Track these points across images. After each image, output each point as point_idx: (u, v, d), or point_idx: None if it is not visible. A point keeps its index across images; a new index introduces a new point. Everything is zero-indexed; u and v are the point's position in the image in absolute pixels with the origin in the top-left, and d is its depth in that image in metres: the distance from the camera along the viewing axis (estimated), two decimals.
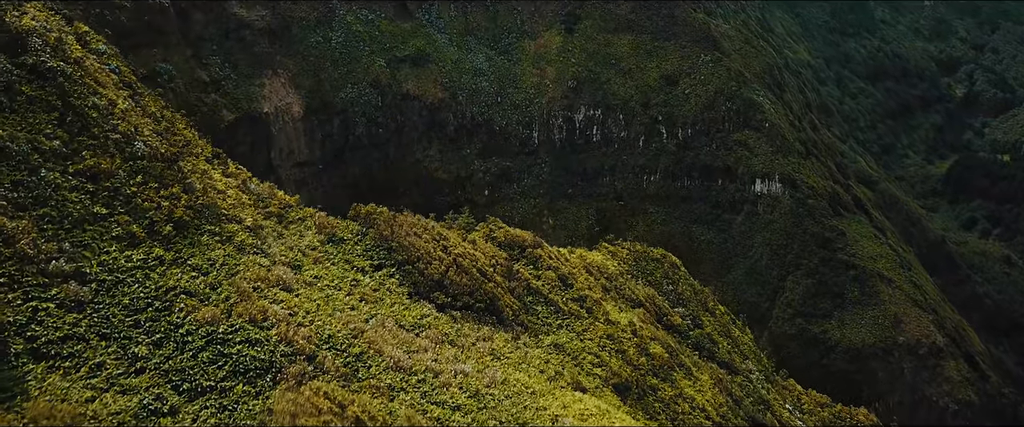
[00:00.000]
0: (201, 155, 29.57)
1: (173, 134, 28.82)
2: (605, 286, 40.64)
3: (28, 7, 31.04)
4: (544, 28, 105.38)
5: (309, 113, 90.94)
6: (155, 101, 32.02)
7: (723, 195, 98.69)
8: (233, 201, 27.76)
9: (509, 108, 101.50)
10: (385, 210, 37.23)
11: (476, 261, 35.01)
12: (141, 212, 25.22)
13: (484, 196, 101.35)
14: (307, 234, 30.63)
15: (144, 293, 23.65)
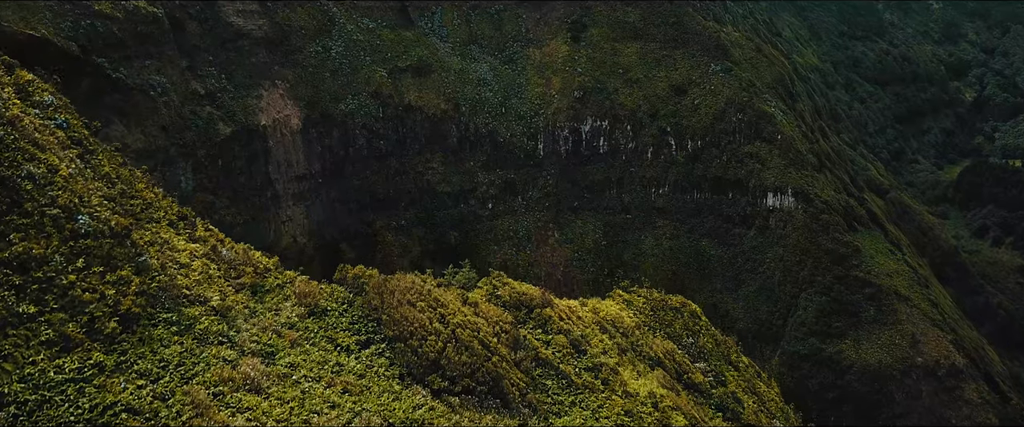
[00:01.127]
0: (163, 219, 26.21)
1: (130, 197, 25.55)
2: (621, 345, 37.82)
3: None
4: (550, 36, 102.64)
5: (308, 125, 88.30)
6: (110, 158, 28.24)
7: (734, 209, 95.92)
8: (198, 275, 24.38)
9: (514, 119, 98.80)
10: (375, 273, 33.93)
11: (478, 331, 32.11)
12: (80, 306, 20.94)
13: (488, 209, 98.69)
14: (285, 307, 27.65)
15: (75, 415, 19.04)
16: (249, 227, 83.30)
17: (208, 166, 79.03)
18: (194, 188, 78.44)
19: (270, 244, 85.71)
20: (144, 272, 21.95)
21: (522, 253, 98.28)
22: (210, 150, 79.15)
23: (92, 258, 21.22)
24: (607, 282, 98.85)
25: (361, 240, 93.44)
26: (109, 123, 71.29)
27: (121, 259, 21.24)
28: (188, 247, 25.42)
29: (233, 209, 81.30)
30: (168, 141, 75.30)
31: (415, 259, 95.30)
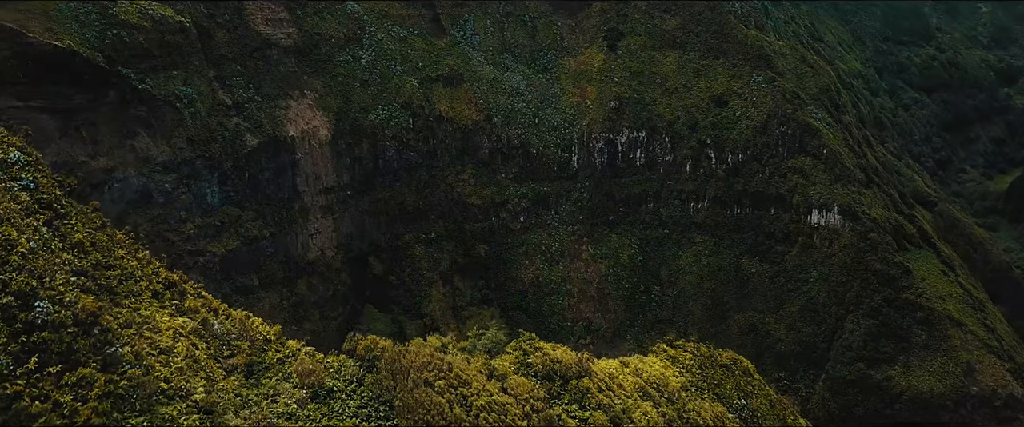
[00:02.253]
0: (146, 291, 23.14)
1: (106, 268, 22.67)
2: (667, 415, 34.63)
3: None
4: (585, 44, 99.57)
5: (337, 136, 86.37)
6: (86, 220, 24.81)
7: (776, 225, 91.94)
8: (182, 361, 21.26)
9: (547, 130, 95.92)
10: (389, 345, 30.77)
11: (504, 414, 28.91)
12: (26, 422, 17.29)
13: (519, 222, 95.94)
14: (285, 389, 24.87)
15: None
16: (276, 240, 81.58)
17: (235, 178, 77.43)
18: (220, 201, 76.88)
19: (297, 257, 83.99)
20: (113, 367, 18.79)
21: (554, 268, 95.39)
22: (237, 162, 77.55)
23: (49, 355, 18.07)
24: (643, 299, 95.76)
25: (390, 253, 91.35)
26: (134, 135, 69.96)
27: (85, 353, 18.20)
28: (173, 324, 22.37)
29: (260, 222, 79.63)
30: (194, 153, 73.78)
31: (444, 273, 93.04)
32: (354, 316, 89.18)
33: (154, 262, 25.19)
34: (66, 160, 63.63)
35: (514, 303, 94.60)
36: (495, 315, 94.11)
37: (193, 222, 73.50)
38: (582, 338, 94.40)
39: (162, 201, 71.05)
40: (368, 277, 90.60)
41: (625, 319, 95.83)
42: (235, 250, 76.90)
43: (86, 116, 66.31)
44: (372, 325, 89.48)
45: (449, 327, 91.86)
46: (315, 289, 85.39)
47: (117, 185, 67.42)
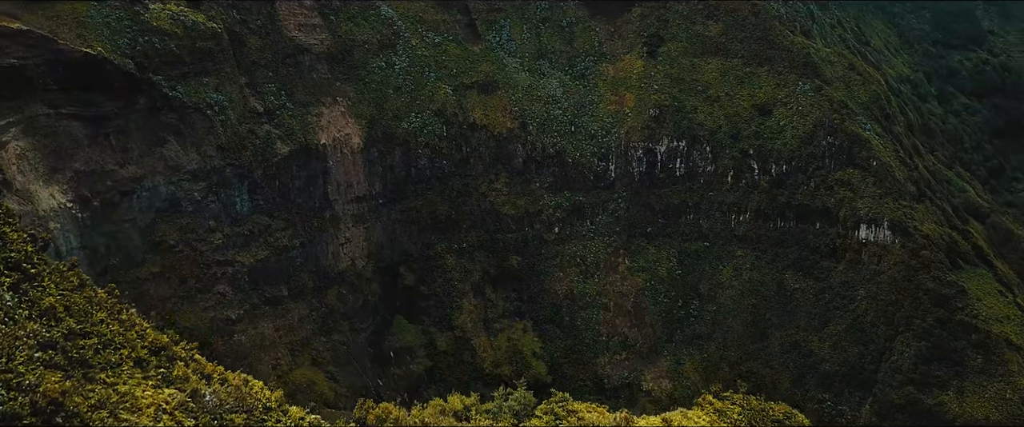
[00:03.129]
0: (128, 359, 20.55)
1: (80, 336, 20.11)
2: None
3: None
4: (624, 51, 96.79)
5: (369, 144, 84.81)
6: (61, 279, 21.61)
7: (822, 240, 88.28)
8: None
9: (584, 138, 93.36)
10: (402, 415, 28.27)
11: None
12: None
13: (554, 233, 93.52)
14: None
15: None
16: (306, 249, 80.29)
17: (265, 187, 76.25)
18: (250, 209, 75.75)
19: (327, 267, 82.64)
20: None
21: (589, 281, 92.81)
22: (267, 170, 76.37)
23: None
24: (681, 314, 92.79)
25: (421, 263, 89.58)
26: (164, 142, 69.05)
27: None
28: (157, 398, 19.73)
29: (289, 231, 78.39)
30: (224, 161, 72.68)
31: (476, 284, 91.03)
32: (384, 327, 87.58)
33: (140, 323, 22.87)
34: (95, 168, 62.84)
35: (547, 316, 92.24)
36: (527, 328, 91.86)
37: (222, 232, 72.42)
38: (617, 354, 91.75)
39: (191, 210, 70.04)
40: (399, 287, 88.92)
41: (663, 334, 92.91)
42: (264, 260, 75.71)
43: (116, 123, 65.50)
44: (402, 337, 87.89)
45: (480, 340, 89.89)
46: (345, 299, 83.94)
47: (146, 194, 66.50)
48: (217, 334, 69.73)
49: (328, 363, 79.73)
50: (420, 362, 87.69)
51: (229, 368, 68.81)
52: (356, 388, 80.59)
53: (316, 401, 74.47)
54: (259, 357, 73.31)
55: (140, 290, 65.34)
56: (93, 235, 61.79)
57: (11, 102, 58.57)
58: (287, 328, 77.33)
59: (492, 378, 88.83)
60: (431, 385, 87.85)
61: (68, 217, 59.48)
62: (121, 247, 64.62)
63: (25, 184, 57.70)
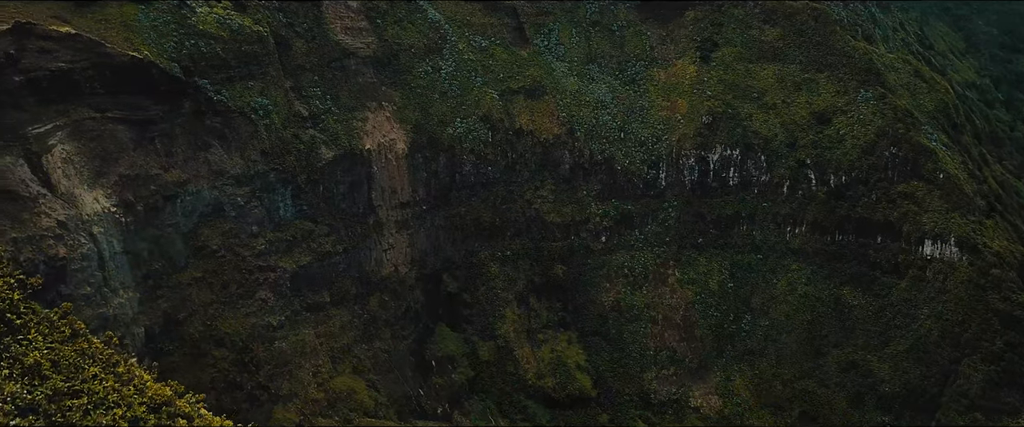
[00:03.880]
0: (124, 417, 17.59)
1: (71, 394, 17.06)
2: None
3: None
4: (676, 55, 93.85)
5: (414, 150, 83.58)
6: (50, 330, 17.75)
7: (883, 255, 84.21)
8: None
9: (633, 145, 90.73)
10: None
11: None
12: None
13: (601, 243, 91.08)
14: None
15: None
16: (349, 255, 79.37)
17: (308, 192, 75.50)
18: (294, 215, 75.07)
19: (370, 273, 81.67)
20: None
21: (637, 293, 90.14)
22: (311, 175, 75.58)
23: None
24: (732, 328, 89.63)
25: (464, 271, 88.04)
26: (208, 147, 68.65)
27: None
28: None
29: (333, 237, 77.55)
30: (268, 166, 72.11)
31: (520, 293, 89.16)
32: (426, 335, 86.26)
33: (141, 374, 20.58)
34: (139, 173, 62.63)
35: (593, 328, 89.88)
36: (572, 340, 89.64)
37: (265, 237, 71.81)
38: (665, 368, 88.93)
39: (234, 215, 69.55)
40: (442, 295, 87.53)
41: (713, 349, 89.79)
42: (307, 266, 74.94)
43: (161, 127, 65.28)
44: (444, 345, 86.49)
45: (523, 350, 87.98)
46: (387, 306, 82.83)
47: (189, 198, 66.16)
48: (258, 340, 69.13)
49: (369, 371, 78.67)
50: (462, 372, 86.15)
51: (270, 375, 68.11)
52: (397, 397, 79.50)
53: (356, 410, 73.55)
54: (300, 364, 72.52)
55: (182, 295, 65.07)
56: (136, 240, 61.58)
57: (58, 106, 58.63)
58: (328, 335, 76.47)
59: (535, 390, 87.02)
60: (473, 395, 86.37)
61: (111, 221, 59.30)
62: (164, 252, 64.36)
63: (70, 188, 57.65)
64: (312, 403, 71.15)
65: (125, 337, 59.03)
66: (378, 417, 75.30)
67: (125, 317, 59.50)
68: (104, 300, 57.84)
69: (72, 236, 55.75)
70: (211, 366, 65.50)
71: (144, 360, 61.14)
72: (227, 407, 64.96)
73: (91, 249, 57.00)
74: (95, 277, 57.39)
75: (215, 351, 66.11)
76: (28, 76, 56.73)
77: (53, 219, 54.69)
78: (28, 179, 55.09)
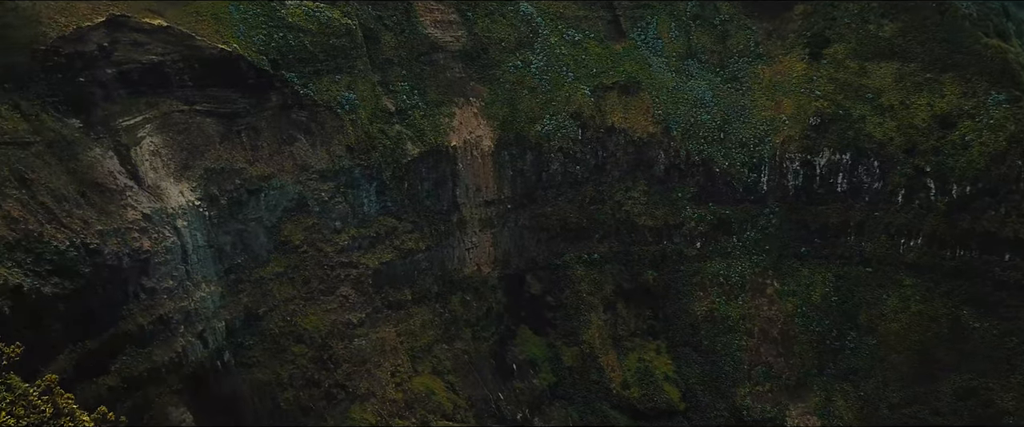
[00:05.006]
0: None
1: None
2: None
3: None
4: (783, 52, 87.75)
5: (500, 147, 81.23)
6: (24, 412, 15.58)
7: (1011, 275, 76.23)
8: None
9: (734, 146, 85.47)
10: None
11: None
12: None
13: (695, 249, 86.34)
14: None
15: None
16: (432, 253, 77.91)
17: (393, 188, 74.26)
18: (377, 211, 74.01)
19: (452, 271, 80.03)
20: None
21: (732, 303, 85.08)
22: (396, 171, 74.27)
23: None
24: (835, 345, 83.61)
25: (549, 273, 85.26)
26: (294, 141, 68.22)
27: None
28: None
29: (416, 234, 76.17)
30: (353, 161, 71.15)
31: (607, 298, 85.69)
32: (508, 337, 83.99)
33: None
34: (224, 166, 62.64)
35: (683, 338, 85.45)
36: (661, 350, 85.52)
37: (348, 233, 71.02)
38: (760, 384, 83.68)
39: (318, 210, 68.93)
40: (525, 297, 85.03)
41: (812, 366, 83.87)
42: (389, 263, 73.82)
43: (247, 121, 65.16)
44: (525, 348, 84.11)
45: (608, 358, 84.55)
46: (469, 306, 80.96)
47: (273, 193, 65.83)
48: (337, 338, 68.44)
49: (449, 372, 77.03)
50: (544, 377, 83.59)
51: (348, 373, 67.09)
52: (476, 400, 77.65)
53: (434, 412, 72.03)
54: (378, 362, 71.52)
55: (264, 290, 64.92)
56: (219, 233, 61.60)
57: (148, 98, 59.09)
58: (409, 333, 75.20)
59: (619, 400, 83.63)
60: (555, 402, 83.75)
61: (196, 215, 59.39)
62: (247, 246, 64.27)
63: (156, 181, 57.99)
64: (390, 403, 70.03)
65: (206, 331, 59.18)
66: (456, 420, 73.61)
67: (206, 311, 59.55)
68: (186, 294, 57.93)
69: (157, 229, 55.93)
70: (290, 362, 65.14)
71: (224, 353, 61.30)
72: (304, 405, 64.57)
73: (175, 242, 57.12)
74: (178, 270, 57.53)
75: (294, 347, 65.72)
76: (120, 69, 57.28)
77: (139, 212, 54.95)
78: (116, 171, 55.61)
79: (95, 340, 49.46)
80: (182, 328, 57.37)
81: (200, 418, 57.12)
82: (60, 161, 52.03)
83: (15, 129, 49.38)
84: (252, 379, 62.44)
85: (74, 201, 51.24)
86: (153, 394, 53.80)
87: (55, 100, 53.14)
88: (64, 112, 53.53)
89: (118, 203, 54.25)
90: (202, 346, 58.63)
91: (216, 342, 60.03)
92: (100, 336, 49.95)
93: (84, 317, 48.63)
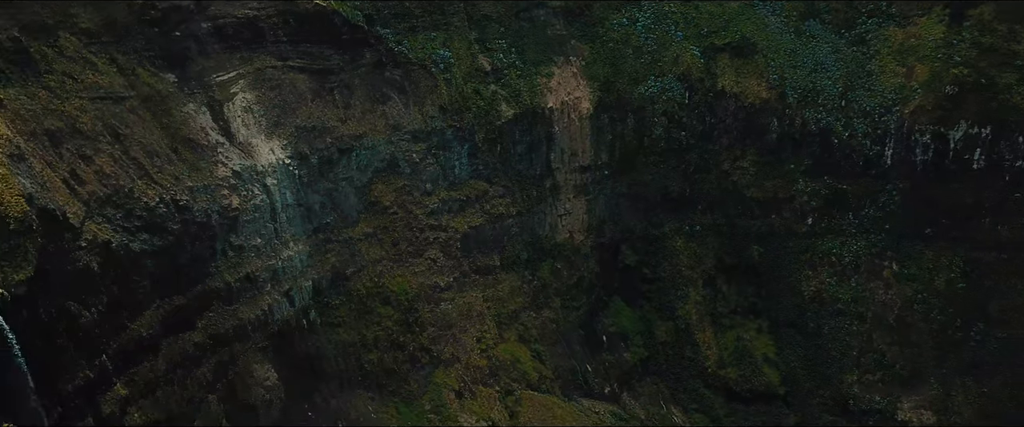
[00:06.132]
0: None
1: None
2: None
3: None
4: (919, 12, 78.95)
5: (599, 110, 77.53)
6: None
7: None
8: None
9: (856, 115, 78.31)
10: None
11: None
12: None
13: (806, 225, 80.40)
14: None
15: None
16: (522, 219, 75.77)
17: (485, 151, 72.24)
18: (469, 174, 72.30)
19: (543, 238, 77.71)
20: None
21: (844, 284, 79.05)
22: (489, 133, 72.09)
23: None
24: (958, 336, 76.60)
25: (645, 244, 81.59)
26: (387, 100, 66.98)
27: None
28: None
29: (507, 199, 74.13)
30: (445, 122, 69.39)
31: (707, 272, 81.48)
32: (599, 307, 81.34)
33: None
34: (316, 124, 62.04)
35: (787, 319, 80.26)
36: (762, 329, 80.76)
37: (438, 195, 69.68)
38: (870, 373, 77.86)
39: (408, 172, 67.72)
40: (618, 267, 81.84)
41: (931, 357, 77.16)
42: (479, 227, 72.27)
43: (341, 78, 64.21)
44: (617, 320, 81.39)
45: (704, 335, 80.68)
46: (559, 274, 78.57)
47: (364, 152, 64.91)
48: (424, 301, 67.62)
49: (535, 340, 75.33)
50: (635, 351, 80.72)
51: (433, 337, 66.31)
52: (562, 371, 75.90)
53: (519, 381, 70.69)
54: (464, 327, 70.51)
55: (352, 250, 64.57)
56: (309, 192, 61.30)
57: (242, 54, 58.88)
58: (496, 300, 73.74)
59: (714, 380, 79.99)
60: (645, 377, 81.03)
61: (285, 173, 59.16)
62: (337, 206, 63.86)
63: (248, 137, 57.91)
64: (474, 370, 69.05)
65: (292, 290, 59.32)
66: (541, 390, 72.08)
67: (294, 270, 59.66)
68: (274, 252, 58.10)
69: (246, 187, 55.97)
70: (376, 324, 64.85)
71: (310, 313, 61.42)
72: (388, 367, 64.35)
73: (264, 200, 57.11)
74: (267, 229, 57.64)
75: (380, 308, 65.31)
76: (215, 23, 57.11)
77: (229, 169, 55.05)
78: (209, 127, 55.78)
79: (182, 296, 50.11)
80: (269, 286, 57.68)
81: (284, 375, 57.67)
82: (154, 116, 52.46)
83: (111, 83, 49.87)
84: (337, 339, 62.49)
85: (166, 157, 51.66)
86: (238, 351, 54.46)
87: (151, 54, 53.46)
88: (159, 67, 53.86)
89: (209, 159, 54.45)
90: (288, 305, 58.89)
91: (302, 301, 60.19)
92: (187, 293, 50.57)
93: (172, 274, 49.22)
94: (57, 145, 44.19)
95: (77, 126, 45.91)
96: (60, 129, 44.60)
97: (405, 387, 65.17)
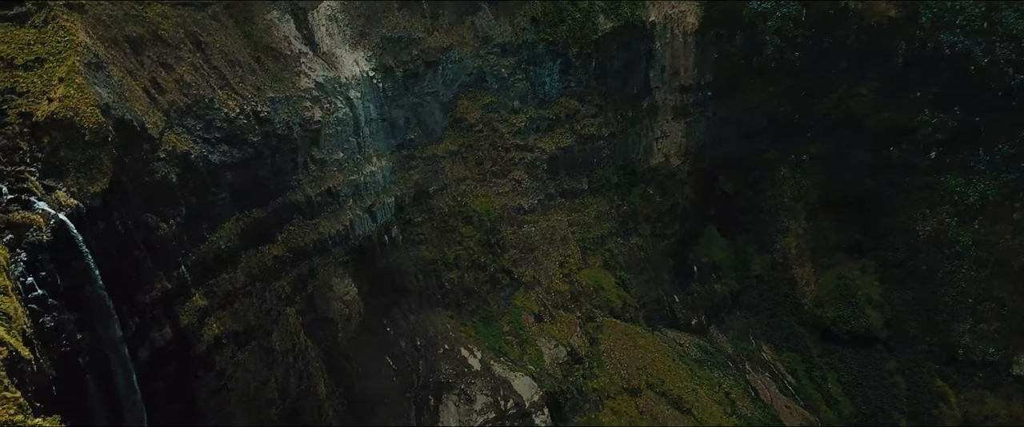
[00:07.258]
0: None
1: None
2: None
3: None
4: None
5: (705, 25, 71.76)
6: None
7: None
8: None
9: (999, 39, 69.36)
10: None
11: None
12: None
13: (929, 159, 73.21)
14: None
15: None
16: (615, 140, 72.23)
17: (578, 67, 68.43)
18: (559, 91, 68.85)
19: (636, 162, 74.15)
20: None
21: (966, 226, 72.16)
22: (584, 48, 68.03)
23: None
24: None
25: (745, 173, 76.78)
26: (476, 11, 63.99)
27: None
28: None
29: (599, 119, 70.62)
30: (538, 35, 65.82)
31: (810, 207, 76.19)
32: (690, 237, 77.73)
33: None
34: (402, 36, 59.70)
35: (897, 259, 74.41)
36: (867, 269, 75.35)
37: (526, 114, 66.85)
38: (985, 322, 71.67)
39: (496, 87, 64.96)
40: (715, 195, 77.54)
41: None
42: (567, 148, 69.33)
43: None
44: (709, 251, 77.78)
45: (803, 270, 76.10)
46: (651, 200, 75.09)
47: (451, 66, 62.43)
48: (506, 222, 65.93)
49: (621, 268, 72.84)
50: (727, 283, 77.16)
51: (515, 260, 64.70)
52: (648, 301, 73.39)
53: (601, 307, 68.86)
54: (546, 251, 68.63)
55: (435, 168, 63.08)
56: (393, 107, 59.62)
57: None
58: (581, 224, 71.27)
59: (810, 318, 75.82)
60: (735, 311, 77.64)
61: (369, 86, 57.47)
62: (421, 121, 62.09)
63: (331, 47, 56.26)
64: (555, 294, 67.47)
65: (374, 205, 58.48)
66: (624, 319, 69.97)
67: (376, 185, 58.73)
68: (356, 167, 57.13)
69: (329, 99, 54.67)
70: (457, 243, 63.77)
71: (392, 229, 60.72)
72: (468, 287, 63.52)
73: (347, 114, 55.81)
74: (349, 143, 56.56)
75: (463, 228, 64.06)
76: None
77: (312, 80, 53.71)
78: (292, 36, 54.29)
79: (262, 209, 49.83)
80: (351, 201, 56.99)
81: (363, 290, 57.62)
82: (236, 24, 51.19)
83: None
84: (417, 256, 61.85)
85: (247, 66, 50.59)
86: (318, 264, 54.36)
87: None
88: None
89: (291, 70, 53.18)
90: (370, 220, 58.22)
91: (384, 217, 59.45)
92: (267, 206, 50.26)
93: (252, 186, 48.82)
94: (138, 53, 43.47)
95: (159, 32, 45.02)
96: (141, 36, 43.76)
97: (484, 307, 64.41)
